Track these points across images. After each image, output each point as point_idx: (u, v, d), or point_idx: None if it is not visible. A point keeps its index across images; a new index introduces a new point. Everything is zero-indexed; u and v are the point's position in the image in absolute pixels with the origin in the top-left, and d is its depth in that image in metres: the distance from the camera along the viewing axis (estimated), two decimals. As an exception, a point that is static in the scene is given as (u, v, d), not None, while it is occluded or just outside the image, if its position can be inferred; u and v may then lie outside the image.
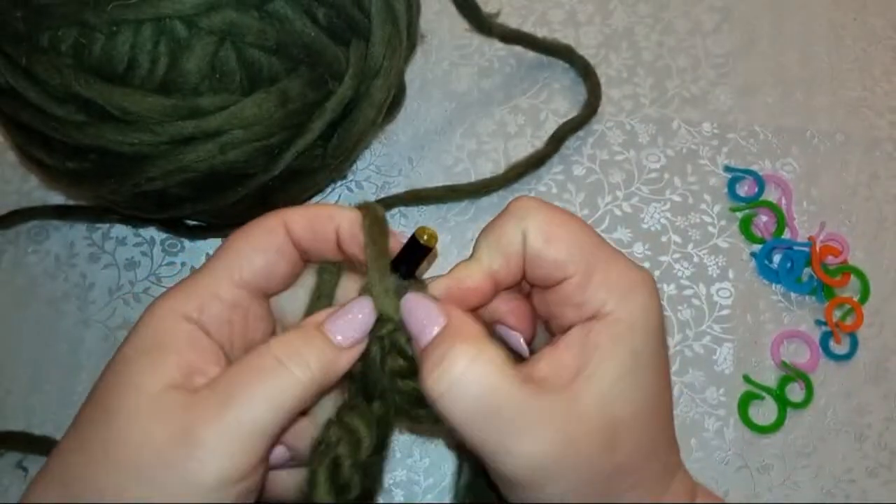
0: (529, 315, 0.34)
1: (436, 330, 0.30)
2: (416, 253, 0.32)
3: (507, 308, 0.34)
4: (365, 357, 0.32)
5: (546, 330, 0.35)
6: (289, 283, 0.33)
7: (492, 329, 0.34)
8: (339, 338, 0.31)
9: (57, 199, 0.52)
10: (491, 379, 0.29)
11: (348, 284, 0.35)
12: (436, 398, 0.29)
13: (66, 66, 0.38)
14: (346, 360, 0.31)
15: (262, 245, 0.32)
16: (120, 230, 0.51)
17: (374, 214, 0.33)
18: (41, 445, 0.46)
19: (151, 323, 0.30)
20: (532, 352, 0.34)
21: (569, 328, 0.32)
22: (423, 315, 0.31)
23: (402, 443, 0.46)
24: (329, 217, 0.33)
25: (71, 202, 0.52)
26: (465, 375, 0.29)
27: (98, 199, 0.49)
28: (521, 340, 0.34)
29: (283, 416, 0.29)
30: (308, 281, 0.34)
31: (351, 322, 0.31)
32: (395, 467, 0.46)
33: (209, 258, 0.32)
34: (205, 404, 0.28)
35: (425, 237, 0.32)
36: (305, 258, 0.33)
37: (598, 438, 0.30)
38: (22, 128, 0.41)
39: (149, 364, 0.29)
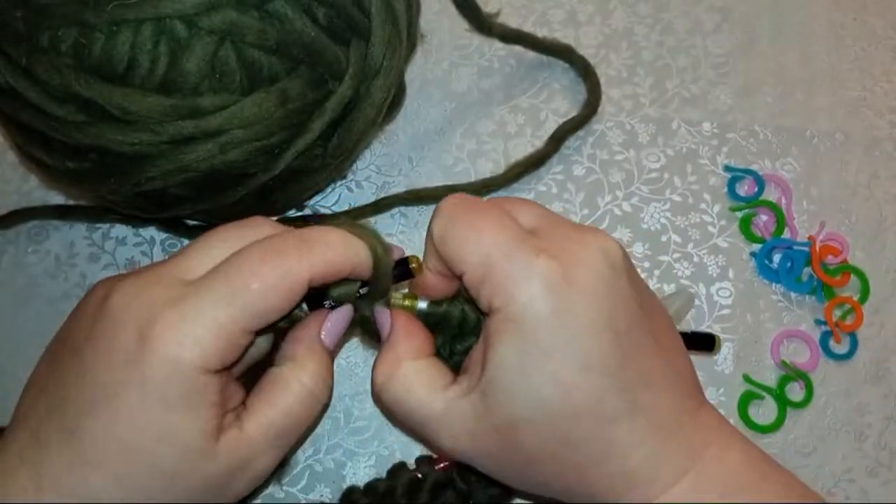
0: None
1: (385, 333, 0.36)
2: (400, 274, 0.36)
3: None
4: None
5: None
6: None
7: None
8: (330, 342, 0.36)
9: (57, 199, 0.52)
10: (406, 390, 0.34)
11: None
12: (376, 393, 0.36)
13: (66, 65, 0.38)
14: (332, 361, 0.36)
15: (287, 298, 0.32)
16: (120, 230, 0.51)
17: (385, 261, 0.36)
18: None
19: (180, 383, 0.30)
20: None
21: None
22: (380, 321, 0.37)
23: (402, 443, 0.46)
24: (354, 265, 0.34)
25: (71, 202, 0.52)
26: (390, 383, 0.35)
27: (98, 199, 0.49)
28: None
29: None
30: None
31: (337, 329, 0.36)
32: (395, 467, 0.46)
33: (217, 292, 0.31)
34: (260, 450, 0.33)
35: (413, 266, 0.36)
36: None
37: (498, 438, 0.32)
38: (22, 128, 0.41)
39: (197, 429, 0.31)
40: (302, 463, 0.46)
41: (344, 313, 0.36)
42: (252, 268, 0.31)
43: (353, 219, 0.51)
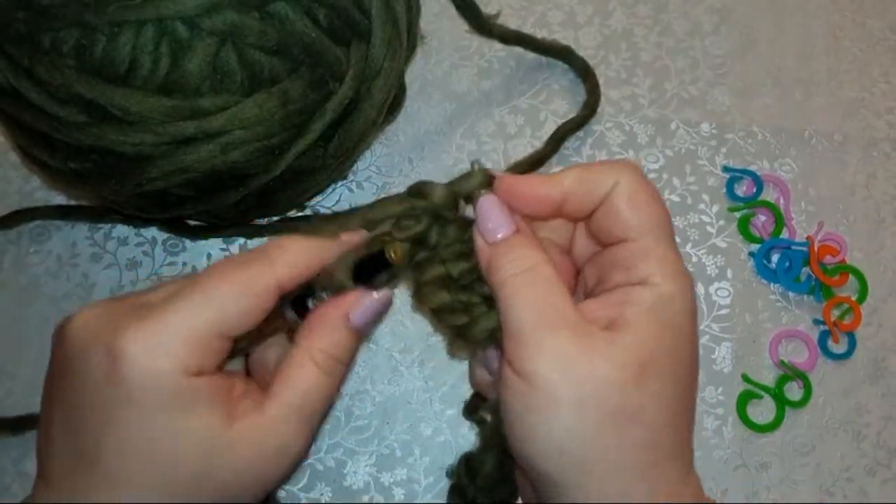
0: (572, 272, 0.37)
1: (510, 231, 0.34)
2: (379, 263, 0.34)
3: (553, 260, 0.35)
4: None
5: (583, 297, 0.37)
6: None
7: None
8: (364, 323, 0.34)
9: (59, 199, 0.52)
10: (556, 286, 0.32)
11: None
12: (500, 279, 0.33)
13: (67, 67, 0.38)
14: (360, 344, 0.35)
15: (255, 305, 0.32)
16: (121, 230, 0.51)
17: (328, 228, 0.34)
18: None
19: (167, 390, 0.30)
20: None
21: (611, 289, 0.33)
22: (497, 214, 0.34)
23: (402, 442, 0.46)
24: (319, 262, 0.34)
25: (73, 202, 0.52)
26: (538, 270, 0.33)
27: (100, 200, 0.49)
28: None
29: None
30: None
31: (372, 310, 0.34)
32: (395, 466, 0.46)
33: (182, 303, 0.31)
34: (283, 430, 0.32)
35: (393, 255, 0.34)
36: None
37: (629, 373, 0.31)
38: (24, 128, 0.41)
39: (196, 424, 0.31)
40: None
41: (378, 296, 0.34)
42: (220, 275, 0.32)
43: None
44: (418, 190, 0.35)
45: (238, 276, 0.32)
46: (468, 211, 0.35)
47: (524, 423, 0.31)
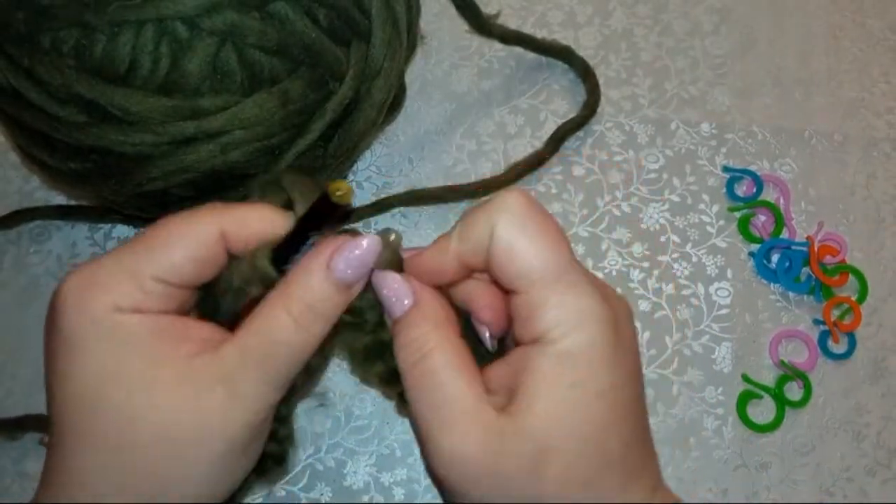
0: (503, 310, 0.34)
1: (406, 304, 0.32)
2: (327, 210, 0.31)
3: (483, 301, 0.34)
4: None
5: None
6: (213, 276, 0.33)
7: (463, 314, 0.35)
8: (349, 273, 0.31)
9: (59, 199, 0.52)
10: (443, 375, 0.30)
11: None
12: (403, 369, 0.31)
13: (67, 66, 0.38)
14: (349, 300, 0.32)
15: (191, 249, 0.31)
16: (122, 230, 0.51)
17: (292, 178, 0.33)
18: None
19: (98, 325, 0.29)
20: (505, 347, 0.34)
21: (518, 343, 0.32)
22: (392, 289, 0.32)
23: (402, 442, 0.46)
24: (265, 222, 0.32)
25: (73, 202, 0.52)
26: (421, 366, 0.31)
27: (100, 200, 0.49)
28: (487, 335, 0.34)
29: (303, 366, 0.31)
30: None
31: (357, 257, 0.31)
32: (395, 466, 0.46)
33: (124, 248, 0.31)
34: (242, 373, 0.30)
35: (338, 193, 0.30)
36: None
37: (525, 462, 0.29)
38: (24, 128, 0.41)
39: (137, 357, 0.29)
40: (303, 462, 0.46)
41: (365, 243, 0.31)
42: (162, 224, 0.31)
43: (353, 219, 0.51)
44: None
45: (178, 224, 0.31)
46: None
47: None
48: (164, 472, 0.29)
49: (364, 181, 0.53)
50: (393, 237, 0.32)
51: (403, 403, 0.34)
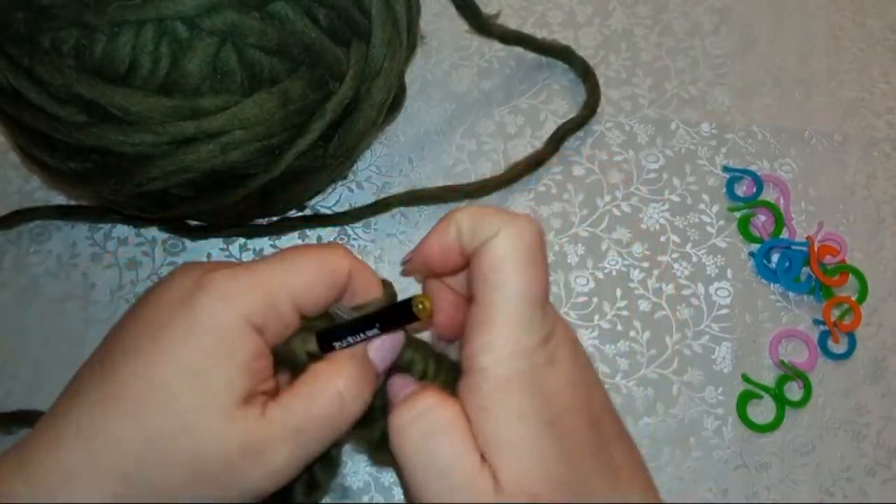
0: (458, 318, 0.35)
1: (410, 390, 0.33)
2: (403, 316, 0.32)
3: (440, 305, 0.35)
4: None
5: None
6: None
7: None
8: (382, 362, 0.33)
9: (59, 199, 0.52)
10: (434, 439, 0.31)
11: None
12: (392, 434, 0.32)
13: (67, 66, 0.38)
14: (376, 385, 0.33)
15: (329, 282, 0.32)
16: (122, 230, 0.51)
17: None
18: None
19: (221, 328, 0.30)
20: None
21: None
22: (399, 387, 0.33)
23: (402, 442, 0.46)
24: (373, 284, 0.34)
25: (73, 202, 0.52)
26: (415, 423, 0.31)
27: (100, 200, 0.49)
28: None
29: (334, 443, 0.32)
30: None
31: (389, 347, 0.33)
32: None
33: (269, 264, 0.32)
34: (280, 434, 0.30)
35: (419, 307, 0.31)
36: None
37: None
38: (24, 128, 0.41)
39: (227, 379, 0.30)
40: (302, 462, 0.46)
41: (396, 336, 0.33)
42: (301, 250, 0.33)
43: (353, 219, 0.51)
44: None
45: (319, 253, 0.33)
46: None
47: None
48: (181, 492, 0.30)
49: (364, 181, 0.53)
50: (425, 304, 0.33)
51: None
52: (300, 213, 0.51)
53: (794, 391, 0.48)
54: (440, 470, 0.30)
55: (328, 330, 0.33)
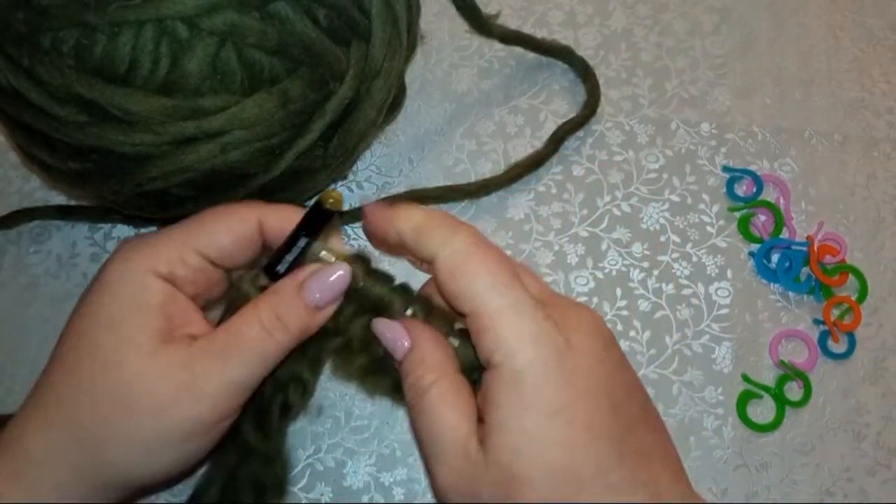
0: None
1: (406, 345, 0.35)
2: (321, 217, 0.36)
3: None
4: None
5: None
6: (246, 266, 0.38)
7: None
8: (318, 296, 0.35)
9: (59, 199, 0.52)
10: (437, 412, 0.33)
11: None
12: (408, 406, 0.34)
13: (67, 66, 0.38)
14: (319, 321, 0.36)
15: (234, 230, 0.36)
16: (122, 230, 0.51)
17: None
18: None
19: (129, 281, 0.34)
20: None
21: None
22: (389, 334, 0.35)
23: (402, 442, 0.46)
24: (297, 216, 0.36)
25: (73, 202, 0.52)
26: (418, 403, 0.34)
27: (100, 200, 0.49)
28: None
29: (266, 371, 0.35)
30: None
31: (328, 284, 0.35)
32: (395, 466, 0.46)
33: (176, 225, 0.36)
34: (204, 362, 0.33)
35: (330, 201, 0.36)
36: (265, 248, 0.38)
37: (497, 492, 0.31)
38: (24, 128, 0.41)
39: (140, 322, 0.34)
40: (303, 462, 0.46)
41: (337, 272, 0.35)
42: (210, 210, 0.37)
43: (353, 219, 0.51)
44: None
45: (223, 209, 0.37)
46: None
47: None
48: (115, 427, 0.33)
49: (364, 181, 0.53)
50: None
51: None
52: (300, 213, 0.51)
53: (794, 391, 0.48)
54: (438, 433, 0.33)
55: (269, 260, 0.35)
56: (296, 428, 0.46)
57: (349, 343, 0.36)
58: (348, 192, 0.53)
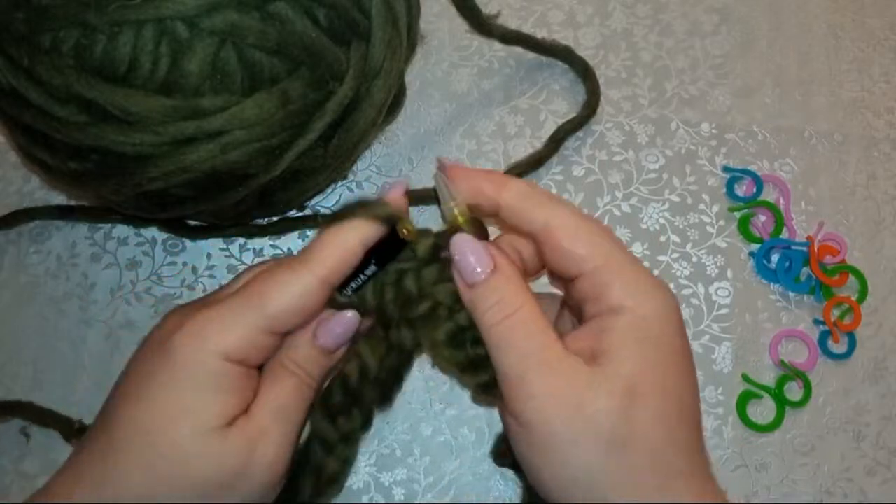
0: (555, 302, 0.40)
1: (486, 269, 0.34)
2: (394, 245, 0.35)
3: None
4: (380, 291, 0.36)
5: (574, 319, 0.38)
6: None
7: None
8: (322, 342, 0.36)
9: (59, 199, 0.52)
10: (538, 326, 0.33)
11: None
12: (486, 328, 0.34)
13: (67, 66, 0.38)
14: (334, 360, 0.37)
15: (302, 306, 0.34)
16: (121, 230, 0.51)
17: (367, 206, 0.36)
18: (44, 416, 0.46)
19: (199, 368, 0.33)
20: None
21: (588, 320, 0.34)
22: (473, 255, 0.34)
23: (402, 442, 0.46)
24: (349, 248, 0.35)
25: (72, 202, 0.52)
26: (521, 315, 0.33)
27: (100, 200, 0.49)
28: None
29: (305, 415, 0.36)
30: None
31: (332, 331, 0.36)
32: (395, 466, 0.46)
33: (240, 296, 0.34)
34: (266, 428, 0.34)
35: (405, 231, 0.35)
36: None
37: (616, 402, 0.31)
38: (24, 128, 0.41)
39: (216, 411, 0.33)
40: (302, 462, 0.46)
41: (342, 317, 0.36)
42: (264, 278, 0.35)
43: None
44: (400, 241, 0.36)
45: (282, 276, 0.34)
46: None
47: (532, 463, 0.33)
48: None
49: (364, 181, 0.53)
50: (455, 211, 0.35)
51: (481, 392, 0.36)
52: (300, 213, 0.51)
53: (794, 391, 0.48)
54: (541, 343, 0.33)
55: (340, 284, 0.35)
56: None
57: (435, 309, 0.36)
58: (348, 192, 0.53)
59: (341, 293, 0.36)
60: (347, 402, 0.37)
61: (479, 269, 0.34)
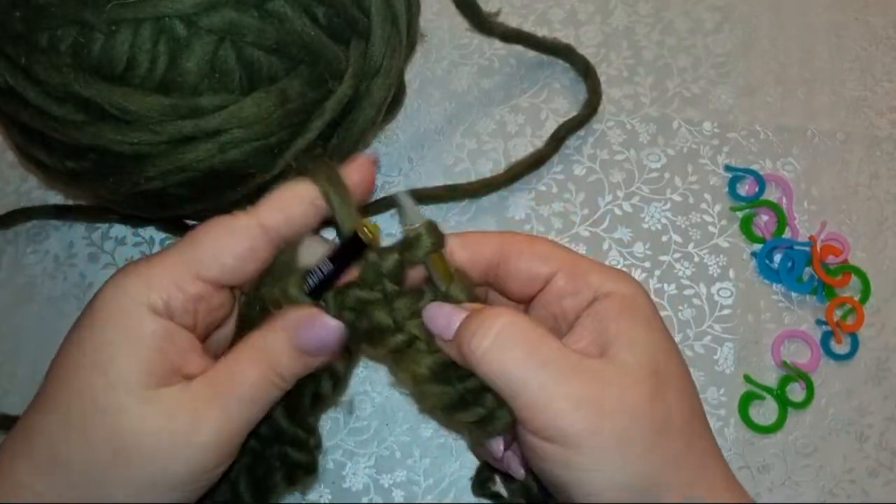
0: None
1: (461, 319, 0.33)
2: (356, 248, 0.34)
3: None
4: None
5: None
6: (256, 275, 0.34)
7: None
8: (306, 347, 0.33)
9: (56, 198, 0.52)
10: (534, 332, 0.32)
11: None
12: (479, 357, 0.31)
13: (65, 65, 0.38)
14: (307, 365, 0.33)
15: (234, 244, 0.33)
16: (119, 230, 0.51)
17: (326, 172, 0.34)
18: None
19: (120, 315, 0.31)
20: None
21: (574, 320, 0.34)
22: (444, 317, 0.33)
23: (401, 444, 0.46)
24: (298, 201, 0.34)
25: (70, 202, 0.52)
26: (509, 327, 0.31)
27: (97, 199, 0.49)
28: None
29: (264, 413, 0.33)
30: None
31: (315, 336, 0.33)
32: (395, 467, 0.46)
33: (169, 247, 0.33)
34: (202, 409, 0.31)
35: (370, 236, 0.33)
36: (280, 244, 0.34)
37: (646, 386, 0.31)
38: (21, 127, 0.41)
39: (133, 363, 0.31)
40: (302, 463, 0.45)
41: (329, 326, 0.33)
42: (205, 224, 0.33)
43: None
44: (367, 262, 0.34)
45: (221, 223, 0.33)
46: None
47: (576, 482, 0.31)
48: (112, 474, 0.31)
49: (364, 180, 0.53)
50: (424, 229, 0.34)
51: (478, 428, 0.33)
52: (299, 213, 0.51)
53: (796, 392, 0.48)
54: (546, 352, 0.31)
55: (303, 280, 0.34)
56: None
57: (412, 343, 0.34)
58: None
59: (308, 293, 0.33)
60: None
61: (449, 329, 0.33)
